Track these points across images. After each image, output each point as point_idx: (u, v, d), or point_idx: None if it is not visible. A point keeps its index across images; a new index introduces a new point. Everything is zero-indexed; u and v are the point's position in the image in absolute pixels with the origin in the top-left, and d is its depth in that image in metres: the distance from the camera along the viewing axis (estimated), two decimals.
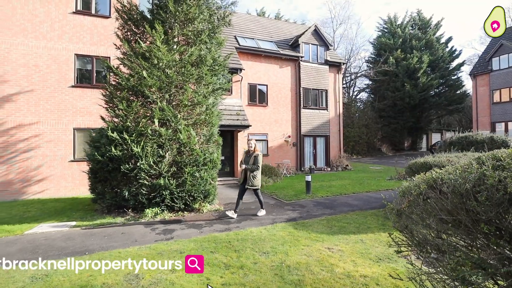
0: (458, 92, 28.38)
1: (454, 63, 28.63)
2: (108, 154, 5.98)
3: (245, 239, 4.70)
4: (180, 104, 6.71)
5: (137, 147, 5.96)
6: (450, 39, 28.88)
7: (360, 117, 27.58)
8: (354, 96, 34.30)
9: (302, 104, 15.21)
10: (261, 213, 6.41)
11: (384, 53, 27.39)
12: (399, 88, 26.22)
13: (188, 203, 6.46)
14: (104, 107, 6.83)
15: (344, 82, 32.19)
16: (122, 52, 6.98)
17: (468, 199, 1.73)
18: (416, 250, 2.14)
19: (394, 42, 27.44)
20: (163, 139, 6.23)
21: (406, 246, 2.24)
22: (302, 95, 15.20)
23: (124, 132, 6.05)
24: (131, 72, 6.49)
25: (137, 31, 7.15)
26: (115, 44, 7.28)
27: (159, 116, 6.24)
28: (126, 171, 5.96)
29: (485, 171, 1.76)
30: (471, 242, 1.80)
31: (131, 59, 6.49)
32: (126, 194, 6.05)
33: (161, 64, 6.36)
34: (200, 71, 6.83)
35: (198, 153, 6.44)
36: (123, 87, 6.42)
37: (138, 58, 6.34)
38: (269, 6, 58.03)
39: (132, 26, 7.12)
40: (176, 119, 6.41)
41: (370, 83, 30.95)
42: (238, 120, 11.52)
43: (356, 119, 27.00)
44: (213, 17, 7.53)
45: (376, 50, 29.67)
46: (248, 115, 12.78)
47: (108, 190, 6.25)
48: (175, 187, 6.17)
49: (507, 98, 20.14)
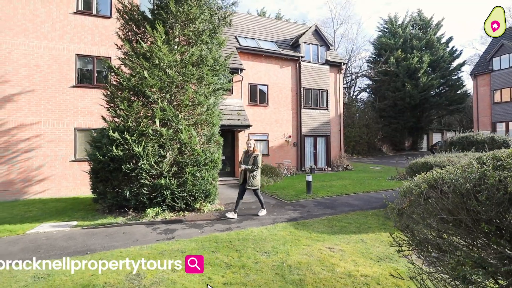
0: (459, 92, 28.35)
1: (454, 63, 28.62)
2: (109, 154, 6.00)
3: (246, 238, 4.71)
4: (181, 104, 6.72)
5: (138, 147, 5.98)
6: (450, 39, 28.86)
7: (360, 117, 27.55)
8: (355, 96, 34.31)
9: (302, 104, 15.20)
10: (261, 213, 6.43)
11: (384, 53, 27.36)
12: (399, 88, 26.20)
13: (189, 203, 6.47)
14: (105, 107, 6.84)
15: (345, 82, 32.19)
16: (123, 52, 6.98)
17: (469, 198, 1.74)
18: (417, 249, 2.15)
19: (395, 42, 27.42)
20: (164, 139, 6.25)
21: (407, 246, 2.25)
22: (302, 95, 15.20)
23: (125, 132, 6.07)
24: (132, 72, 6.50)
25: (138, 31, 7.17)
26: (116, 44, 7.29)
27: (160, 116, 6.25)
28: (127, 171, 5.98)
29: (485, 171, 1.77)
30: (471, 241, 1.81)
31: (132, 59, 6.51)
32: (127, 194, 6.06)
33: (162, 64, 6.37)
34: (201, 71, 6.84)
35: (199, 153, 6.45)
36: (124, 87, 6.43)
37: (139, 58, 6.36)
38: (269, 6, 58.11)
39: (133, 26, 7.13)
40: (177, 119, 6.42)
41: (371, 83, 30.95)
42: (238, 120, 11.53)
43: (357, 119, 26.97)
44: (214, 17, 7.54)
45: (376, 50, 29.64)
46: (248, 115, 12.79)
47: (109, 190, 6.27)
48: (176, 187, 6.18)
49: (508, 98, 20.13)
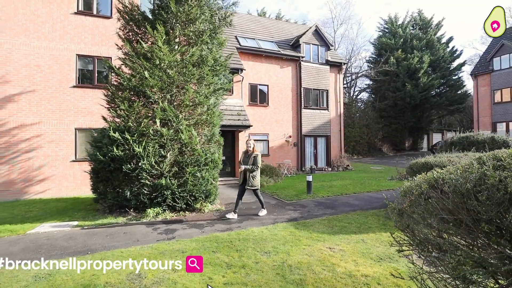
0: (459, 92, 28.35)
1: (455, 63, 28.63)
2: (110, 154, 6.01)
3: (246, 238, 4.72)
4: (181, 104, 6.73)
5: (138, 147, 5.98)
6: (451, 39, 28.86)
7: (361, 117, 27.53)
8: (355, 96, 34.29)
9: (303, 104, 15.21)
10: (262, 213, 6.43)
11: (385, 53, 27.36)
12: (400, 88, 26.20)
13: (190, 203, 6.47)
14: (106, 107, 6.85)
15: (345, 82, 32.18)
16: (123, 52, 6.99)
17: (469, 198, 1.74)
18: (417, 249, 2.15)
19: (395, 42, 27.42)
20: (164, 139, 6.26)
21: (407, 246, 2.26)
22: (303, 95, 15.20)
23: (126, 132, 6.07)
24: (132, 72, 6.51)
25: (138, 31, 7.18)
26: (116, 45, 7.30)
27: (161, 116, 6.26)
28: (127, 171, 5.98)
29: (486, 171, 1.77)
30: (472, 241, 1.81)
31: (132, 59, 6.51)
32: (128, 194, 6.07)
33: (162, 64, 6.38)
34: (201, 71, 6.85)
35: (200, 153, 6.46)
36: (124, 87, 6.44)
37: (140, 58, 6.36)
38: (269, 6, 58.13)
39: (134, 27, 7.14)
40: (177, 119, 6.43)
41: (371, 83, 30.94)
42: (239, 120, 11.54)
43: (357, 119, 26.96)
44: (214, 17, 7.54)
45: (377, 50, 29.64)
46: (249, 115, 12.79)
47: (110, 190, 6.27)
48: (176, 187, 6.19)
49: (508, 98, 20.12)
